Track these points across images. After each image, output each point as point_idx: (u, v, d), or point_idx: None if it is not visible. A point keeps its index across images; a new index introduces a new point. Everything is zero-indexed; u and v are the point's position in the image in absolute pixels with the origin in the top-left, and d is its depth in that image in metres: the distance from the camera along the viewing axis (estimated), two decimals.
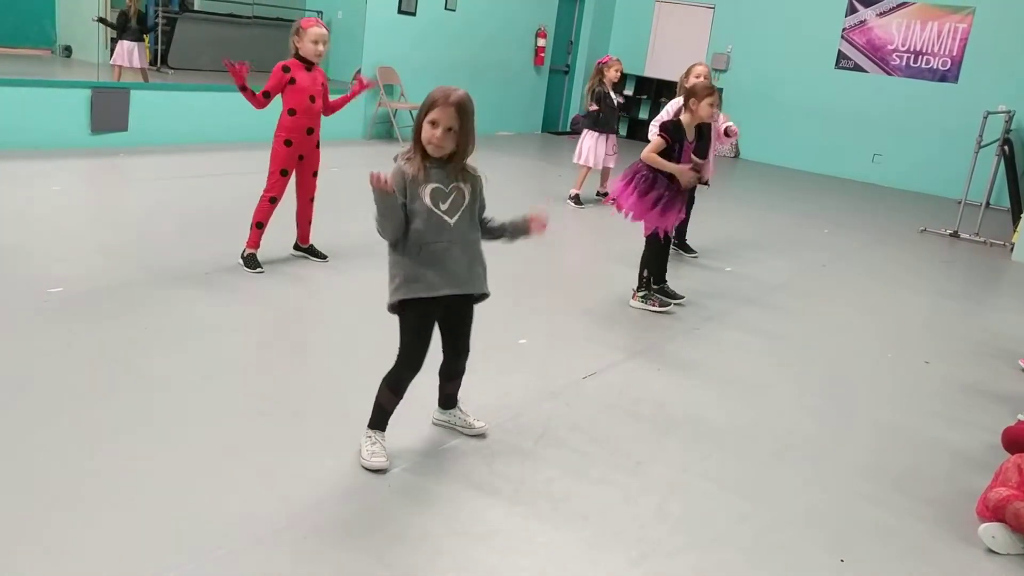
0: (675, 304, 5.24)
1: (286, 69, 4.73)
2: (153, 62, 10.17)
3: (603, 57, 8.05)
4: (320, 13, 10.90)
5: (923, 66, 12.13)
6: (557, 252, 6.37)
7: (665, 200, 4.87)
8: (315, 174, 5.03)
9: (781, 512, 3.02)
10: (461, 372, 3.23)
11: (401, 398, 3.01)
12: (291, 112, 4.78)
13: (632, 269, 5.26)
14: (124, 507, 2.55)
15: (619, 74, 7.88)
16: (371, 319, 3.63)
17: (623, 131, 13.02)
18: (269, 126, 4.71)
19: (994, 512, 2.94)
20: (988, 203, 9.01)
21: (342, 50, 10.62)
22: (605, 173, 8.06)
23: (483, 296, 3.06)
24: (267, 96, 4.71)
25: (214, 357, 3.69)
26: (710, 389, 4.09)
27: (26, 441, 2.85)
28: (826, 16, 12.61)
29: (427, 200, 2.82)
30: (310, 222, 5.15)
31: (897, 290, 6.52)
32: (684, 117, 4.88)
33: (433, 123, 2.76)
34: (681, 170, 4.81)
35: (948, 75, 11.97)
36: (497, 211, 3.06)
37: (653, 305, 5.13)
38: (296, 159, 4.88)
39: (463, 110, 2.77)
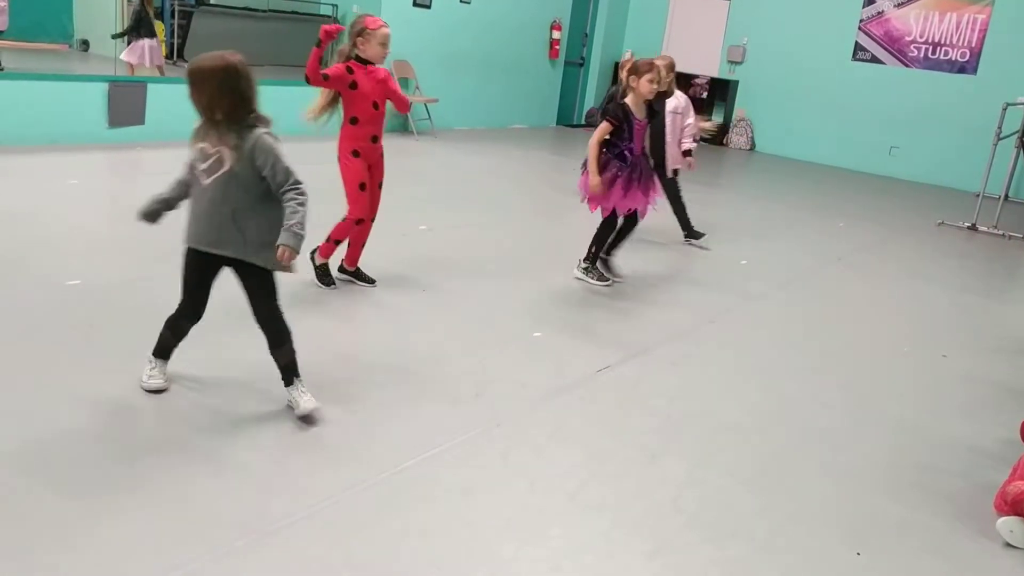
0: (615, 281, 5.37)
1: (349, 70, 4.30)
2: (169, 56, 10.22)
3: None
4: (335, 6, 10.93)
5: (941, 58, 12.03)
6: (573, 246, 6.36)
7: (623, 178, 4.95)
8: (380, 185, 4.60)
9: (797, 506, 3.01)
10: (274, 344, 3.14)
11: (178, 338, 3.23)
12: (353, 121, 4.38)
13: (651, 266, 5.25)
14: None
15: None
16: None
17: None
18: (283, 119, 4.51)
19: (1012, 506, 2.93)
20: (1007, 196, 8.92)
21: None
22: None
23: (239, 261, 3.04)
24: (326, 79, 4.23)
25: (233, 349, 3.71)
26: (725, 382, 4.08)
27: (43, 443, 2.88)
28: (843, 7, 12.52)
29: (193, 155, 3.00)
30: (364, 244, 4.67)
31: (914, 283, 6.48)
32: (629, 98, 4.94)
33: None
34: (593, 173, 4.88)
35: (967, 67, 11.86)
36: (514, 203, 3.06)
37: (592, 278, 5.29)
38: (367, 170, 4.46)
39: (190, 79, 2.91)
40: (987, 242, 8.37)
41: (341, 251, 4.70)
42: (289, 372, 3.18)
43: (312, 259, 4.59)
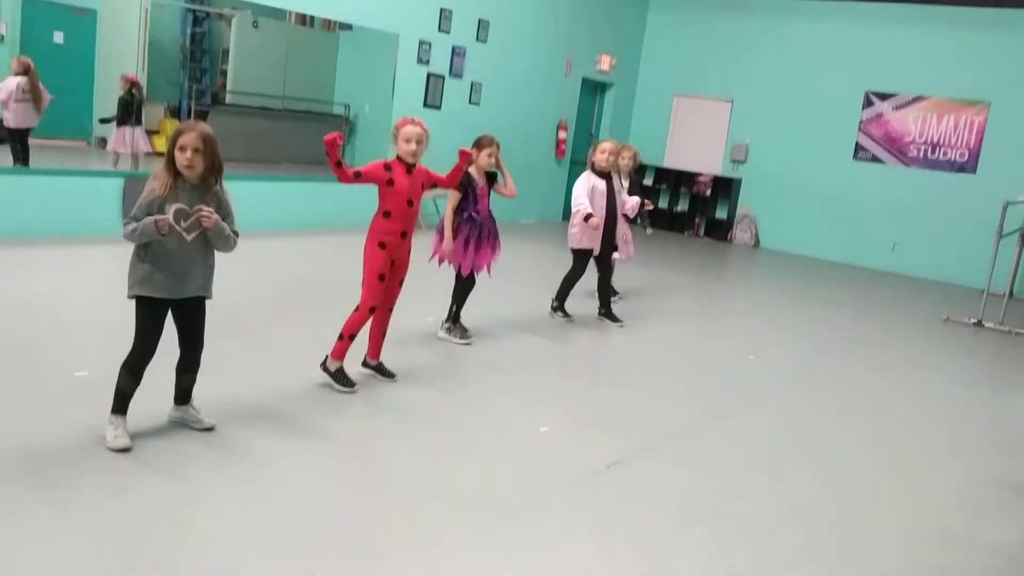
0: (464, 341, 5.67)
1: (388, 168, 4.46)
2: None
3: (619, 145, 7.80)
4: (347, 106, 11.25)
5: (941, 157, 12.26)
6: (574, 339, 6.39)
7: (474, 239, 5.49)
8: (401, 282, 4.67)
9: None
10: (192, 367, 3.69)
11: (139, 383, 3.49)
12: (386, 215, 4.48)
13: (660, 358, 5.26)
14: None
15: (631, 162, 7.36)
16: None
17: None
18: (297, 215, 4.66)
19: None
20: (1012, 292, 8.97)
21: (369, 142, 10.90)
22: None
23: (205, 298, 3.62)
24: (358, 176, 4.36)
25: (228, 443, 3.70)
26: (736, 480, 4.04)
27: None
28: (843, 109, 12.83)
29: (170, 217, 3.34)
30: (384, 335, 4.74)
31: (921, 380, 6.46)
32: (472, 168, 5.44)
33: (182, 148, 3.34)
34: (447, 237, 5.43)
35: (966, 166, 12.08)
36: (518, 296, 3.10)
37: (455, 336, 5.65)
38: (389, 263, 4.54)
39: (204, 143, 3.37)
40: (993, 338, 8.37)
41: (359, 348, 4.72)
42: (189, 393, 3.73)
43: (325, 368, 4.50)
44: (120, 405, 3.51)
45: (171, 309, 3.56)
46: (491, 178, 5.68)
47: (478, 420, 4.41)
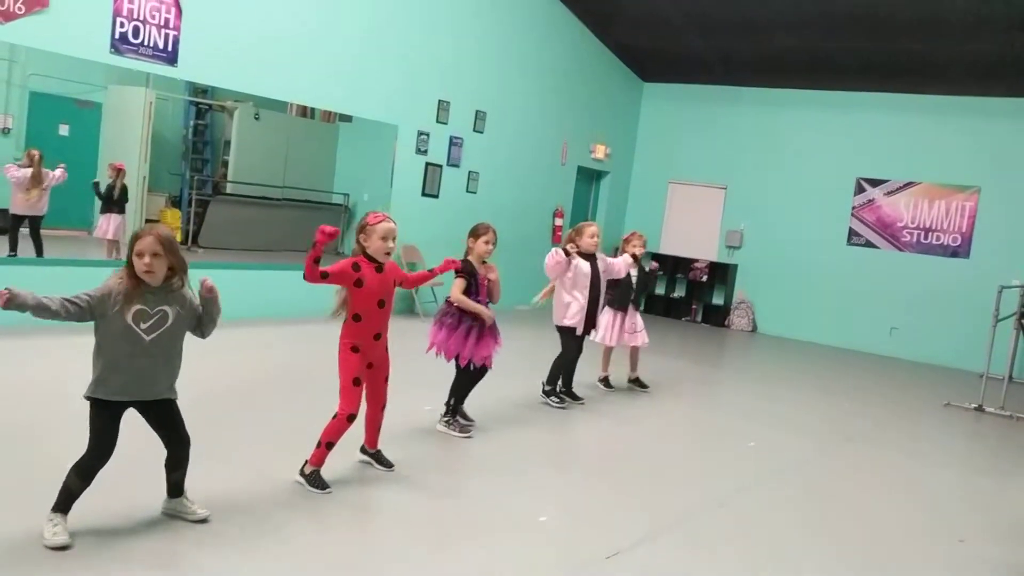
0: (464, 429, 5.61)
1: (356, 267, 4.24)
2: (184, 241, 10.55)
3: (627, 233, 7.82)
4: (347, 195, 11.40)
5: (934, 242, 12.38)
6: (571, 428, 6.34)
7: (476, 331, 5.42)
8: (386, 379, 4.52)
9: None
10: (181, 463, 3.63)
11: (88, 485, 3.37)
12: (356, 318, 4.27)
13: (657, 444, 5.20)
14: None
15: (640, 249, 7.45)
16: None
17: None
18: (294, 303, 4.60)
19: None
20: (1011, 376, 8.94)
21: None
22: (633, 355, 7.62)
23: (169, 400, 3.56)
24: (325, 277, 4.13)
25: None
26: (737, 569, 3.96)
27: None
28: (835, 195, 13.01)
29: (129, 318, 3.32)
30: (379, 428, 4.63)
31: (925, 465, 6.39)
32: (472, 256, 5.50)
33: (139, 254, 3.31)
34: (480, 310, 5.41)
35: (959, 251, 12.19)
36: (514, 384, 3.08)
37: (454, 430, 5.53)
38: (365, 366, 4.36)
39: (164, 247, 3.34)
40: (995, 423, 8.30)
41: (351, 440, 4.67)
42: (181, 486, 3.67)
43: (302, 473, 4.29)
44: (63, 504, 3.36)
45: (140, 412, 3.50)
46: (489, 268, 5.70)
47: (476, 509, 4.34)
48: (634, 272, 7.45)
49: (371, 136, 10.77)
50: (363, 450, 4.71)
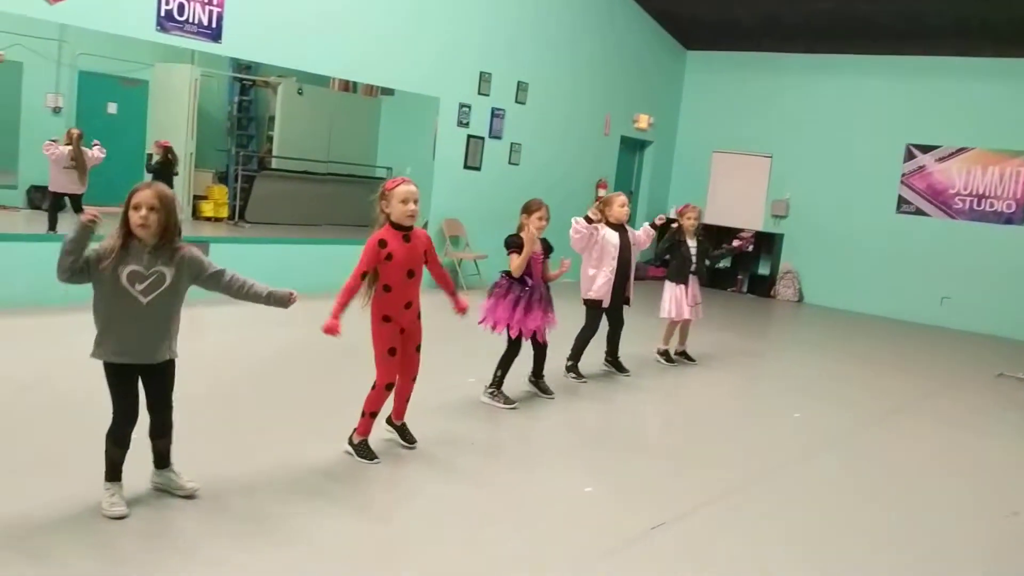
0: (547, 397, 5.79)
1: (382, 243, 4.19)
2: (231, 216, 10.70)
3: (680, 206, 7.76)
4: (390, 169, 11.44)
5: (987, 209, 12.09)
6: (616, 400, 6.34)
7: (524, 301, 5.45)
8: (418, 348, 4.45)
9: None
10: (164, 431, 3.54)
11: (126, 449, 3.39)
12: (386, 288, 4.24)
13: (701, 417, 5.19)
14: None
15: (695, 222, 7.44)
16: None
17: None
18: (340, 277, 4.53)
19: None
20: None
21: None
22: (684, 328, 7.56)
23: (166, 362, 3.47)
24: (364, 276, 4.20)
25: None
26: (781, 542, 3.94)
27: None
28: (884, 162, 12.74)
29: (123, 279, 3.24)
30: (408, 400, 4.56)
31: (976, 437, 6.29)
32: (524, 232, 5.52)
33: (136, 207, 3.22)
34: (532, 241, 5.46)
35: (1013, 217, 11.89)
36: (558, 358, 3.08)
37: (499, 402, 5.54)
38: (398, 334, 4.35)
39: (162, 202, 3.25)
40: None
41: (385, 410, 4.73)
42: (167, 457, 3.61)
43: (350, 443, 4.38)
44: (111, 472, 3.42)
45: (139, 373, 3.42)
46: (547, 248, 5.73)
47: (520, 482, 4.37)
48: (693, 244, 7.39)
49: (413, 109, 10.79)
50: (388, 422, 4.64)
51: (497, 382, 5.61)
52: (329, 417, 4.85)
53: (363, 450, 4.34)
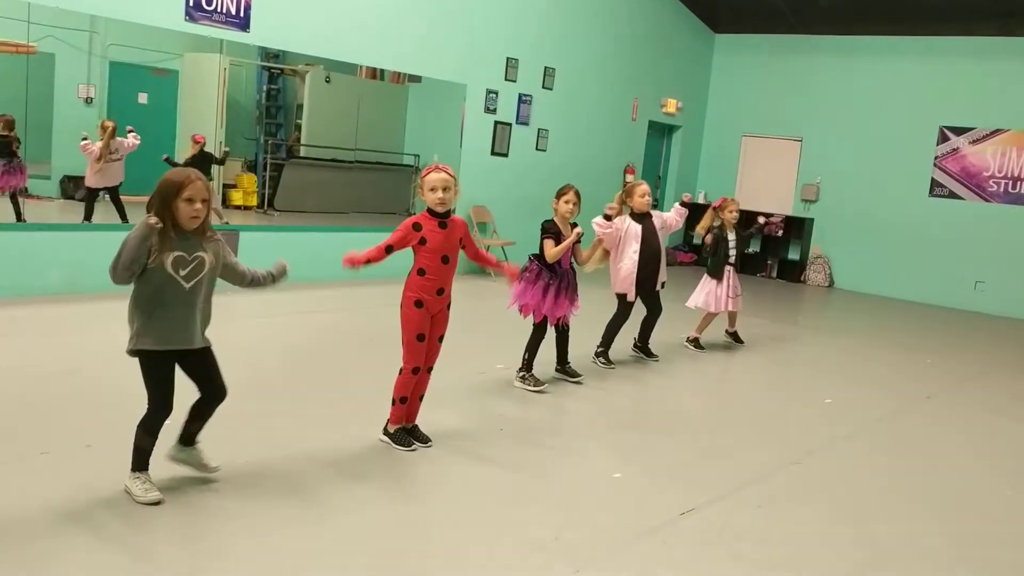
0: (574, 381, 5.87)
1: (417, 227, 4.23)
2: (260, 205, 10.77)
3: (717, 200, 7.61)
4: (417, 156, 11.46)
5: (1022, 192, 11.89)
6: (646, 385, 6.32)
7: (553, 288, 5.50)
8: (441, 339, 4.42)
9: None
10: (210, 415, 3.63)
11: (155, 440, 3.46)
12: (420, 272, 4.27)
13: (733, 402, 5.16)
14: None
15: (735, 215, 7.43)
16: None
17: None
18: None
19: None
20: None
21: None
22: (732, 315, 7.67)
23: (206, 348, 3.56)
24: (390, 250, 4.23)
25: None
26: (813, 528, 3.92)
27: None
28: (916, 145, 12.57)
29: (169, 266, 3.31)
30: (422, 396, 4.49)
31: (1011, 422, 6.21)
32: (556, 217, 5.67)
33: (190, 199, 3.31)
34: (570, 242, 5.56)
35: None
36: (587, 344, 3.06)
37: (529, 385, 5.58)
38: (428, 321, 4.32)
39: (207, 184, 3.39)
40: None
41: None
42: (197, 435, 3.67)
43: (385, 432, 4.41)
44: (139, 463, 3.46)
45: (177, 362, 3.47)
46: (578, 232, 5.75)
47: (551, 466, 4.38)
48: (731, 237, 7.40)
49: (440, 96, 10.79)
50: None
51: (527, 365, 5.66)
52: (362, 402, 4.89)
53: (399, 437, 4.37)
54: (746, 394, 6.48)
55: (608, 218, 6.29)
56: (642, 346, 6.84)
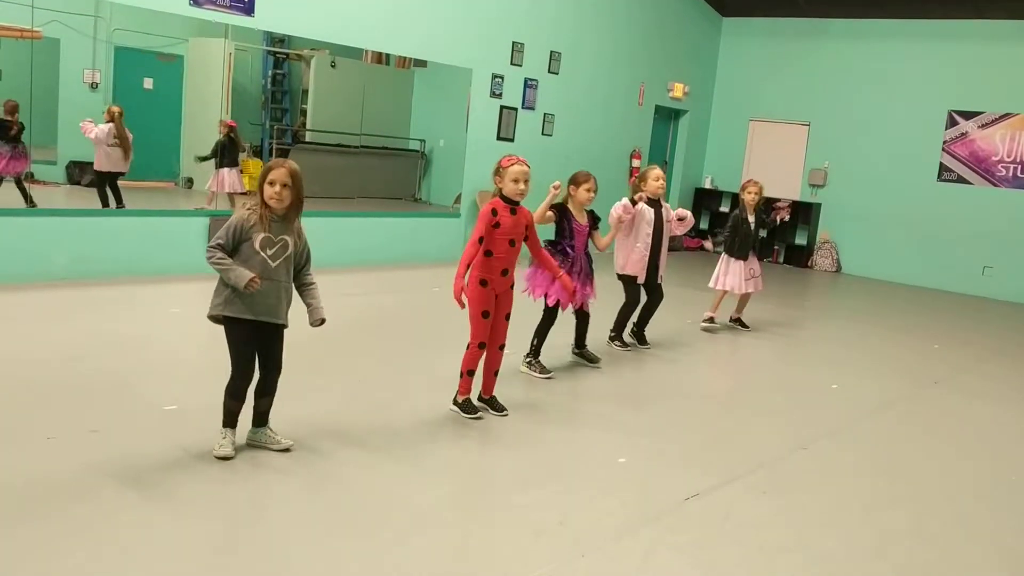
0: (593, 366, 5.91)
1: (494, 213, 4.60)
2: None
3: (744, 181, 7.75)
4: (423, 141, 11.44)
5: None
6: (652, 370, 6.32)
7: (564, 271, 5.40)
8: (507, 316, 4.75)
9: None
10: (271, 390, 3.88)
11: (242, 403, 3.78)
12: (488, 254, 4.60)
13: (739, 387, 5.16)
14: None
15: (757, 196, 7.52)
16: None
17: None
18: (374, 249, 4.66)
19: None
20: None
21: (443, 175, 11.05)
22: (743, 299, 7.67)
23: (284, 325, 3.84)
24: (481, 242, 4.57)
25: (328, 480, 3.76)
26: (819, 513, 3.92)
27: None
28: (925, 129, 12.50)
29: (256, 244, 3.65)
30: (497, 372, 4.84)
31: (1019, 408, 6.19)
32: (570, 203, 5.67)
33: (271, 183, 3.64)
34: (553, 270, 5.30)
35: None
36: (593, 328, 3.06)
37: (535, 371, 5.61)
38: (493, 299, 4.66)
39: (292, 178, 3.68)
40: None
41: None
42: (266, 416, 3.91)
43: (455, 402, 4.74)
44: (228, 420, 3.79)
45: (252, 333, 3.75)
46: (594, 219, 5.80)
47: (555, 452, 4.38)
48: (752, 219, 7.43)
49: (446, 81, 10.75)
50: (480, 398, 4.84)
51: (534, 351, 5.67)
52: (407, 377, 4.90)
53: (467, 407, 4.70)
54: (753, 379, 6.47)
55: (634, 203, 6.33)
56: (638, 332, 6.84)
